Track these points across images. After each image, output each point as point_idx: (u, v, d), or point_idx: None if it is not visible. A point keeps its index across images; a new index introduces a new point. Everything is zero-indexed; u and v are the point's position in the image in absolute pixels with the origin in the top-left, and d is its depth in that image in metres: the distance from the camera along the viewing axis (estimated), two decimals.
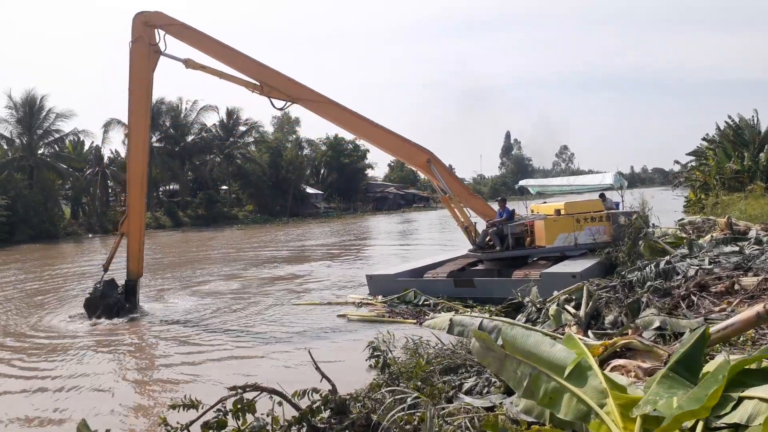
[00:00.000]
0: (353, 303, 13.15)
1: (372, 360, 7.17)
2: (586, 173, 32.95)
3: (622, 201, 16.94)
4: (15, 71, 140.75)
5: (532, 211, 15.98)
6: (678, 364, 3.61)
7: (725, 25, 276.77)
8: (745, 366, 3.43)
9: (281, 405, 4.40)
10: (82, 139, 54.60)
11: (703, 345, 3.74)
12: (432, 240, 31.19)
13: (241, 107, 68.63)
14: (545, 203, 16.41)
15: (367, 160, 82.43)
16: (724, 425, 3.19)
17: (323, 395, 4.59)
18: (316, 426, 4.43)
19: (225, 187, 67.95)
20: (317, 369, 4.83)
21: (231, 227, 54.19)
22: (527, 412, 4.01)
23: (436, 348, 6.85)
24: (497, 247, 13.96)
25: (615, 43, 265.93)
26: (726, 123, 33.62)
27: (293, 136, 78.57)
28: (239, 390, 4.34)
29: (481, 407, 4.60)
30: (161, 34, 13.13)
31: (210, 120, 66.72)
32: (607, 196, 17.32)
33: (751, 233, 13.81)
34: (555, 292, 9.35)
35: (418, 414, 4.38)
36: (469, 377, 5.69)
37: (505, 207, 14.82)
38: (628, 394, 3.57)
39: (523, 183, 20.38)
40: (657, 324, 6.68)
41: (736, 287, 7.83)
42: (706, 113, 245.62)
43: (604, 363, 5.01)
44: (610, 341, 5.47)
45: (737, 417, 3.15)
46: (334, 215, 66.84)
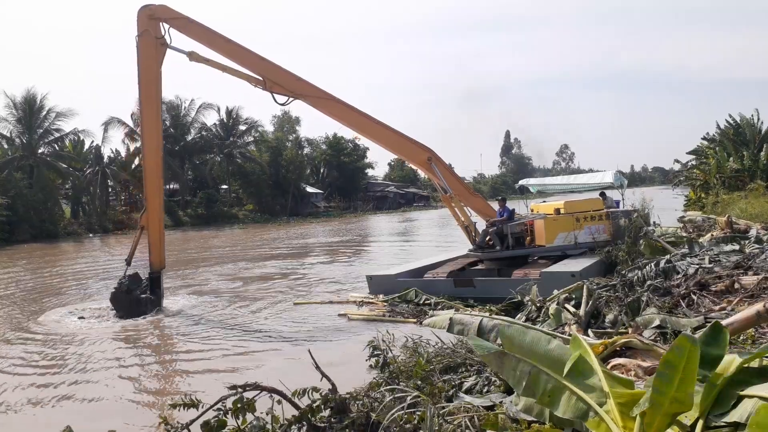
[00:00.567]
0: (354, 302, 13.14)
1: (372, 359, 7.17)
2: (586, 172, 32.89)
3: (622, 199, 16.92)
4: (14, 70, 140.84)
5: (531, 211, 15.97)
6: None
7: (725, 24, 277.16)
8: (745, 365, 3.43)
9: (280, 404, 4.40)
10: (82, 139, 54.69)
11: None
12: (432, 239, 31.20)
13: (242, 106, 68.70)
14: (544, 202, 16.39)
15: (367, 159, 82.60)
16: (723, 424, 3.19)
17: (323, 394, 4.59)
18: (316, 425, 4.43)
19: (225, 187, 67.96)
20: (317, 368, 4.83)
21: (231, 226, 54.21)
22: (527, 410, 4.00)
23: (436, 347, 6.84)
24: (497, 247, 13.93)
25: (615, 43, 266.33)
26: (726, 122, 33.58)
27: (293, 135, 78.55)
28: (239, 389, 4.34)
29: (481, 406, 4.61)
30: (166, 27, 13.15)
31: (210, 119, 66.85)
32: (608, 194, 17.32)
33: (752, 232, 13.81)
34: (555, 291, 9.34)
35: (418, 413, 4.38)
36: (469, 376, 5.69)
37: (505, 206, 14.79)
38: (628, 391, 3.57)
39: (524, 182, 20.37)
40: (657, 323, 6.68)
41: (736, 286, 7.84)
42: (706, 112, 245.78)
43: (604, 362, 5.02)
44: (610, 340, 5.48)
45: (737, 416, 3.15)
46: (334, 214, 66.86)
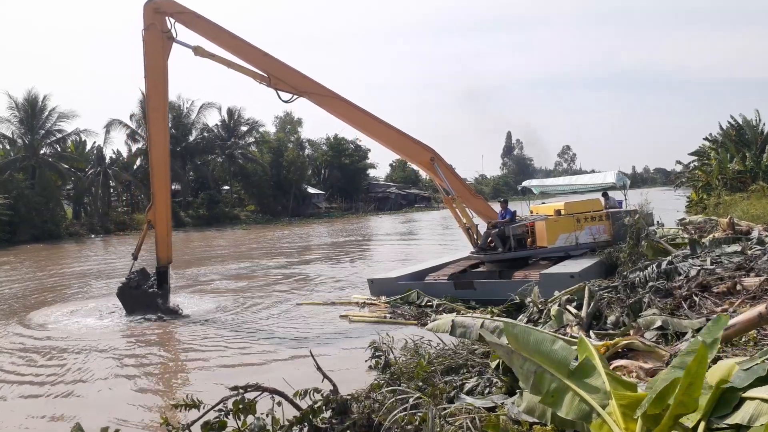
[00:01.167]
0: (357, 303, 13.14)
1: (373, 360, 7.17)
2: (588, 173, 32.88)
3: (625, 200, 16.91)
4: (15, 70, 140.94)
5: (531, 212, 15.96)
6: (682, 360, 3.57)
7: (727, 24, 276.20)
8: (747, 367, 3.42)
9: (280, 405, 4.40)
10: (84, 139, 54.76)
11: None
12: (434, 241, 31.19)
13: (243, 107, 68.83)
14: (543, 204, 16.40)
15: (369, 160, 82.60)
16: (725, 426, 3.18)
17: (324, 395, 4.59)
18: (317, 426, 4.43)
19: (227, 187, 68.01)
20: (318, 369, 4.83)
21: (233, 227, 54.25)
22: (529, 412, 3.99)
23: (437, 348, 6.84)
24: (499, 249, 13.91)
25: (615, 43, 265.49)
26: (728, 123, 33.59)
27: (295, 136, 78.60)
28: (240, 390, 4.34)
29: (483, 407, 4.60)
30: (171, 21, 13.11)
31: (211, 119, 66.92)
32: (610, 195, 17.35)
33: (754, 233, 13.79)
34: (556, 292, 9.33)
35: (419, 414, 4.38)
36: (471, 377, 5.69)
37: (507, 208, 14.78)
38: (631, 393, 3.56)
39: (526, 183, 20.44)
40: (659, 324, 6.67)
41: (738, 288, 7.83)
42: (707, 112, 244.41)
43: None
44: (611, 342, 5.48)
45: (739, 417, 3.14)
46: (335, 215, 66.88)
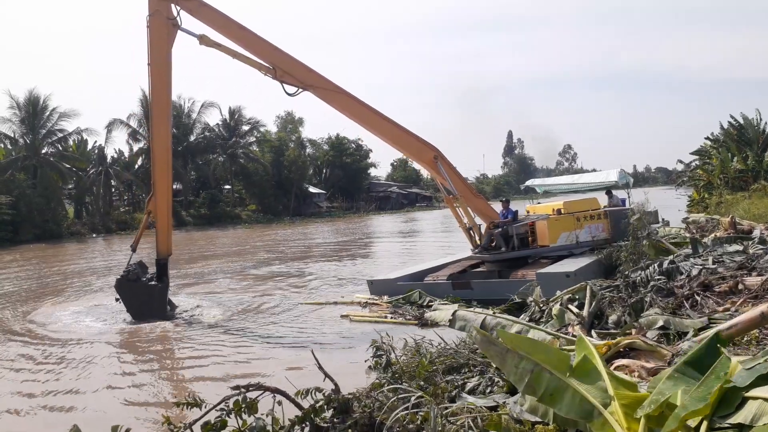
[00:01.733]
0: (359, 303, 13.14)
1: (375, 359, 7.16)
2: (589, 172, 32.91)
3: (628, 198, 16.92)
4: (15, 70, 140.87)
5: (527, 212, 15.97)
6: (686, 364, 3.59)
7: (728, 23, 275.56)
8: (750, 366, 3.41)
9: (281, 405, 4.40)
10: (85, 139, 54.89)
11: (716, 348, 3.66)
12: (436, 240, 31.17)
13: (244, 106, 68.85)
14: (539, 203, 16.42)
15: (370, 159, 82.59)
16: (728, 425, 3.18)
17: (326, 394, 4.59)
18: (318, 425, 4.43)
19: (228, 187, 68.05)
20: (320, 368, 4.83)
21: (234, 227, 54.28)
22: (532, 411, 3.99)
23: (438, 347, 6.83)
24: (502, 248, 13.90)
25: (617, 42, 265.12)
26: (729, 122, 33.54)
27: (296, 135, 78.61)
28: (242, 389, 4.34)
29: (485, 407, 4.60)
30: (177, 9, 12.79)
31: (212, 118, 66.92)
32: (614, 193, 17.40)
33: (755, 233, 13.76)
34: (558, 291, 9.33)
35: (421, 413, 4.37)
36: (472, 377, 5.68)
37: (509, 208, 14.78)
38: (633, 392, 3.56)
39: (530, 183, 20.48)
40: (660, 324, 6.66)
41: (739, 287, 7.81)
42: (708, 112, 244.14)
43: (607, 363, 5.01)
44: (613, 341, 5.47)
45: (741, 417, 3.14)
46: (336, 215, 66.88)
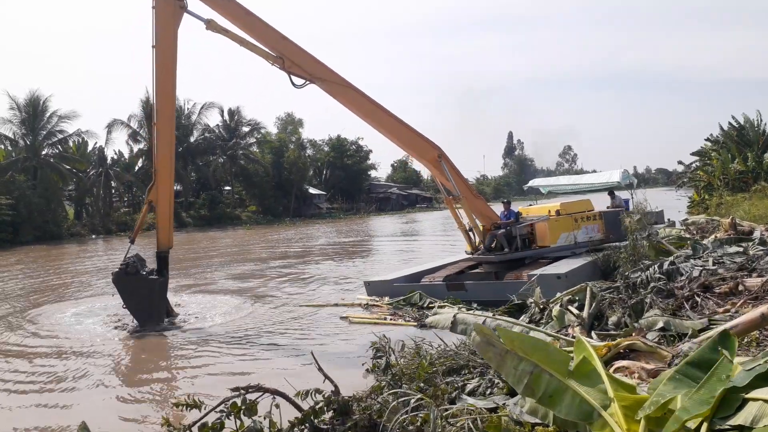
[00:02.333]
0: (359, 304, 13.14)
1: (375, 361, 7.16)
2: (586, 174, 32.97)
3: (631, 199, 16.95)
4: (14, 71, 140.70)
5: (519, 213, 16.03)
6: (687, 365, 3.58)
7: (728, 23, 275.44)
8: (750, 367, 3.41)
9: (278, 408, 4.39)
10: (85, 140, 54.89)
11: (718, 349, 3.62)
12: (437, 241, 31.15)
13: (243, 105, 68.81)
14: (531, 205, 16.46)
15: (370, 160, 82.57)
16: (728, 427, 3.17)
17: (326, 396, 4.59)
18: (318, 427, 4.43)
19: (228, 188, 68.07)
20: (320, 370, 4.83)
21: (234, 228, 54.28)
22: (532, 412, 3.98)
23: (438, 349, 6.83)
24: (505, 249, 13.92)
25: (617, 42, 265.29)
26: (729, 123, 33.53)
27: (296, 136, 78.62)
28: (242, 391, 4.34)
29: (484, 408, 4.59)
30: None
31: (212, 120, 66.88)
32: (617, 194, 17.44)
33: (756, 234, 13.76)
34: (558, 293, 9.34)
35: (420, 415, 4.37)
36: (472, 378, 5.68)
37: (510, 209, 14.79)
38: (632, 394, 3.55)
39: (533, 183, 20.56)
40: (661, 325, 6.66)
41: (740, 288, 7.81)
42: (708, 112, 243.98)
43: (607, 364, 5.00)
44: (613, 342, 5.47)
45: (741, 418, 3.14)
46: (337, 216, 66.89)
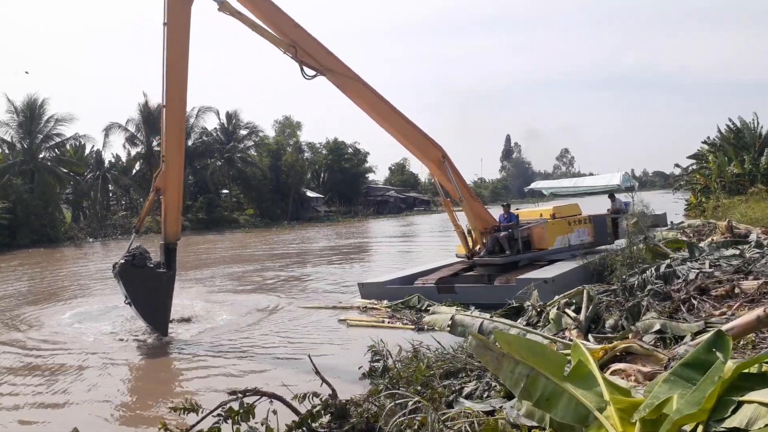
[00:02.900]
0: (358, 307, 13.16)
1: (372, 364, 7.17)
2: (587, 176, 33.09)
3: (632, 201, 17.05)
4: (14, 71, 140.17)
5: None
6: (682, 367, 3.59)
7: (725, 26, 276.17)
8: (745, 369, 3.43)
9: (275, 413, 4.40)
10: (83, 143, 54.78)
11: (713, 351, 3.63)
12: (436, 243, 31.14)
13: (241, 110, 68.71)
14: (518, 209, 16.54)
15: (368, 163, 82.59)
16: (723, 429, 3.19)
17: (323, 400, 4.59)
18: (315, 430, 4.44)
19: (226, 191, 67.98)
20: (317, 373, 4.84)
21: (232, 231, 54.21)
22: (529, 415, 4.00)
23: (436, 352, 6.84)
24: (507, 252, 13.98)
25: (614, 44, 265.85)
26: (726, 126, 33.62)
27: (294, 139, 78.57)
28: (239, 394, 4.34)
29: (482, 411, 4.61)
30: None
31: (210, 123, 66.82)
32: (617, 196, 17.56)
33: (752, 236, 13.81)
34: (555, 296, 9.37)
35: (418, 418, 4.38)
36: (470, 381, 5.69)
37: (510, 212, 14.84)
38: (628, 397, 3.57)
39: (535, 185, 20.69)
40: (657, 328, 6.68)
41: (736, 291, 7.84)
42: (708, 115, 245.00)
43: (604, 367, 5.02)
44: (610, 345, 5.49)
45: (737, 421, 3.15)
46: (335, 219, 66.86)
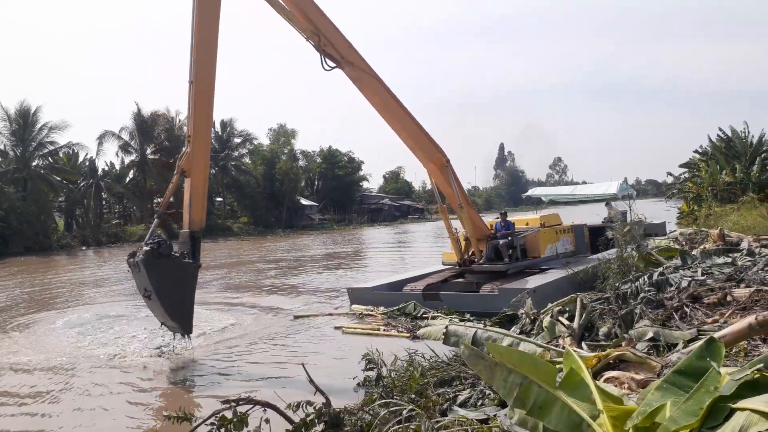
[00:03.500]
0: (355, 314, 13.14)
1: (367, 373, 7.15)
2: (585, 184, 33.32)
3: (629, 209, 17.19)
4: (11, 73, 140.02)
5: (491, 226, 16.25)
6: (675, 374, 3.60)
7: (717, 38, 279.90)
8: (742, 381, 3.44)
9: (268, 422, 4.38)
10: (76, 151, 54.62)
11: (706, 358, 3.66)
12: (431, 250, 31.16)
13: (236, 118, 68.82)
14: (497, 218, 16.65)
15: (362, 171, 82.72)
16: None
17: (317, 408, 4.58)
18: None
19: (220, 199, 67.88)
20: (311, 382, 4.82)
21: (226, 239, 54.08)
22: (522, 424, 3.99)
23: (430, 361, 6.84)
24: (505, 259, 14.06)
25: (608, 53, 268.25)
26: (718, 135, 33.89)
27: (288, 147, 78.61)
28: (232, 403, 4.33)
29: (476, 419, 4.61)
30: None
31: None
32: (613, 204, 17.69)
33: (744, 244, 13.87)
34: (549, 303, 9.40)
35: (412, 427, 4.37)
36: (464, 390, 5.69)
37: (507, 220, 14.90)
38: (621, 405, 3.58)
39: (532, 192, 20.77)
40: (650, 335, 6.70)
41: (728, 299, 7.87)
42: (701, 122, 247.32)
43: (597, 375, 5.03)
44: (603, 353, 5.50)
45: (729, 428, 3.16)
46: (329, 227, 66.81)
